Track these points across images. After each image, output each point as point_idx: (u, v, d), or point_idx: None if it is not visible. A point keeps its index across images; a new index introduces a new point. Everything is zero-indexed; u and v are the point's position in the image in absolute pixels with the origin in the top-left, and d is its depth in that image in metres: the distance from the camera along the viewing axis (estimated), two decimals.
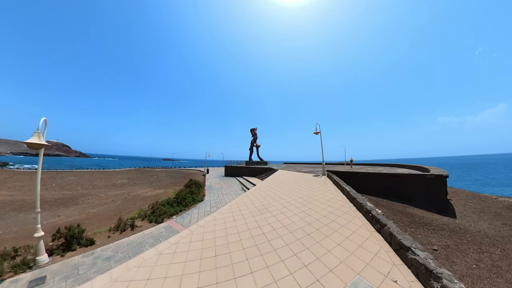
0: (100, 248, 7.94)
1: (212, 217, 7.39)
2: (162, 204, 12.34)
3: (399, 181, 8.82)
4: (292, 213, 6.48)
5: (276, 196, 8.75)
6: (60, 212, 14.29)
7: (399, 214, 6.49)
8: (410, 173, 8.44)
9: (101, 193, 19.52)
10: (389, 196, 8.81)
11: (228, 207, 8.12)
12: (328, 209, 6.49)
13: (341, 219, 5.57)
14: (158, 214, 11.23)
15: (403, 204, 7.54)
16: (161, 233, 8.99)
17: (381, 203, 7.65)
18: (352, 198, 6.60)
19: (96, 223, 11.68)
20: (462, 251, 4.63)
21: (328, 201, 7.21)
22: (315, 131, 13.11)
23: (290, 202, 7.62)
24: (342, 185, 8.12)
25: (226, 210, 7.84)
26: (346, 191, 7.44)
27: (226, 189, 16.36)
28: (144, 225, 10.83)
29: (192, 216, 10.69)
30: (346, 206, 6.48)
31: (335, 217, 5.78)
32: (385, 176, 9.36)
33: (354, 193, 6.89)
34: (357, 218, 5.56)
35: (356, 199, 6.27)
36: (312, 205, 7.00)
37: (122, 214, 12.96)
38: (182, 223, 9.97)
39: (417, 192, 8.22)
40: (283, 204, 7.40)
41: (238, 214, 7.25)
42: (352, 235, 4.70)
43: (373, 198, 8.55)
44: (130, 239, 8.65)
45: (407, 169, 15.99)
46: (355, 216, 5.65)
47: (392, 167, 19.67)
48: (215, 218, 7.23)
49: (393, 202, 7.77)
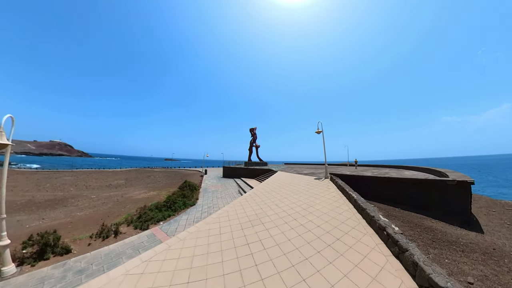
0: (74, 259, 7.11)
1: (196, 228, 6.42)
2: (150, 208, 11.44)
3: (414, 187, 7.68)
4: (288, 226, 5.45)
5: (272, 203, 7.72)
6: (46, 214, 13.55)
7: (417, 228, 5.42)
8: (427, 179, 7.30)
9: (94, 194, 18.80)
10: (401, 203, 7.70)
11: (217, 216, 7.13)
12: (332, 222, 5.42)
13: (348, 237, 4.51)
14: (144, 219, 10.36)
15: (419, 215, 6.44)
16: (142, 243, 8.15)
17: (393, 213, 6.56)
18: (360, 208, 5.52)
19: (80, 228, 10.90)
20: (505, 285, 3.54)
21: (331, 212, 6.15)
22: (317, 130, 12.01)
23: (287, 211, 6.59)
24: (348, 192, 7.04)
25: (214, 220, 6.85)
26: (353, 199, 6.36)
27: (222, 192, 15.41)
28: (128, 232, 9.98)
29: (179, 223, 9.77)
30: (354, 219, 5.41)
31: (341, 233, 4.72)
32: (397, 181, 8.22)
33: (363, 202, 5.81)
34: (368, 236, 4.49)
35: (366, 210, 5.20)
36: (313, 216, 5.95)
37: (109, 218, 12.16)
38: (167, 231, 9.08)
39: (435, 200, 7.09)
40: (279, 214, 6.37)
41: (226, 225, 6.26)
42: (363, 262, 3.65)
43: (383, 206, 7.45)
44: (109, 249, 7.84)
45: (416, 172, 14.73)
46: (366, 233, 4.58)
47: (399, 169, 18.38)
48: (199, 229, 6.26)
49: (407, 212, 6.67)
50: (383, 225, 4.23)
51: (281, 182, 12.15)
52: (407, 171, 16.07)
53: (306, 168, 23.57)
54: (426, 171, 13.91)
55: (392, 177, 8.38)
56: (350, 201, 6.63)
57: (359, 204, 5.68)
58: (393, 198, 8.21)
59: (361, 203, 5.65)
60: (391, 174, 13.62)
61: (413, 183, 7.62)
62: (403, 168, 18.93)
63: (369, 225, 4.89)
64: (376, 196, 8.47)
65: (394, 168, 19.81)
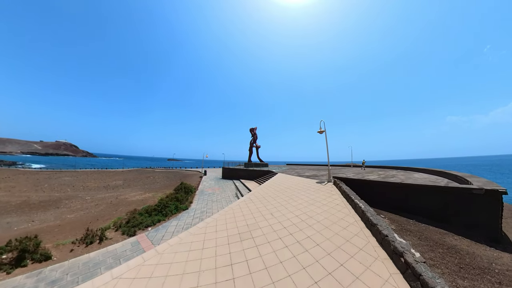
0: (51, 267, 6.45)
1: (178, 239, 5.65)
2: (140, 213, 10.77)
3: (429, 194, 6.65)
4: (282, 243, 4.58)
5: (267, 211, 6.86)
6: (37, 216, 13.14)
7: (438, 248, 4.46)
8: (448, 186, 6.26)
9: (90, 195, 18.41)
10: (414, 213, 6.69)
11: (203, 226, 6.34)
12: (334, 239, 4.52)
13: (354, 263, 3.61)
14: (132, 225, 9.70)
15: (438, 230, 5.45)
16: (125, 251, 7.51)
17: (407, 226, 5.59)
18: (370, 223, 4.59)
19: (66, 232, 10.37)
20: None
21: (334, 225, 5.24)
22: (320, 130, 11.04)
23: (283, 223, 5.71)
24: (354, 200, 6.09)
25: (200, 230, 6.06)
26: (360, 209, 5.43)
27: (219, 194, 14.63)
28: (115, 237, 9.35)
29: (168, 229, 9.05)
30: (361, 236, 4.49)
31: (345, 256, 3.82)
32: (410, 187, 7.20)
33: (372, 214, 4.87)
34: (379, 261, 3.58)
35: (376, 226, 4.27)
36: (312, 230, 5.05)
37: (99, 221, 11.61)
38: (153, 238, 8.37)
39: (456, 212, 6.06)
40: (273, 227, 5.51)
41: (211, 237, 5.46)
42: None
43: (394, 217, 6.47)
44: (89, 257, 7.25)
45: (426, 174, 13.51)
46: (377, 258, 3.67)
47: (407, 171, 17.11)
48: (182, 241, 5.49)
49: (423, 226, 5.68)
50: (399, 250, 3.31)
51: (280, 186, 11.26)
52: (416, 173, 14.85)
53: (309, 169, 22.54)
54: (438, 174, 12.69)
55: (404, 183, 7.34)
56: (357, 212, 5.69)
57: (367, 217, 4.75)
58: (404, 206, 7.19)
59: (371, 216, 4.72)
60: (399, 176, 12.50)
61: (430, 190, 6.58)
62: (411, 170, 17.66)
63: (380, 246, 3.97)
64: (384, 203, 7.47)
65: (401, 170, 18.55)
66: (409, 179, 10.92)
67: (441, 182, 9.57)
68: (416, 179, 10.98)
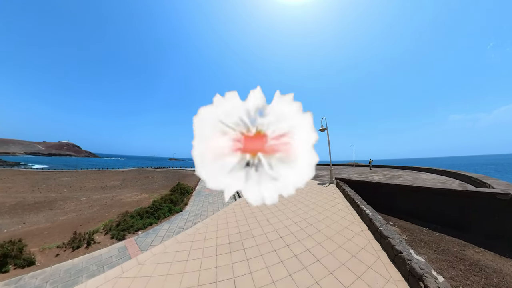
0: (32, 274, 6.07)
1: (163, 247, 5.10)
2: (132, 215, 10.28)
3: (446, 199, 5.94)
4: (277, 257, 3.96)
5: (263, 217, 6.25)
6: (29, 218, 12.77)
7: (459, 264, 3.80)
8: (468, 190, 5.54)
9: (86, 196, 18.08)
10: (427, 220, 6.00)
11: (192, 232, 5.77)
12: (338, 253, 3.88)
13: (362, 286, 2.98)
14: (122, 228, 9.21)
15: (456, 240, 4.77)
16: (110, 258, 7.03)
17: (421, 236, 4.92)
18: (380, 235, 3.87)
19: (55, 235, 9.96)
20: None
21: (337, 236, 4.60)
22: (321, 128, 10.37)
23: (280, 231, 5.10)
24: (360, 206, 5.41)
25: (188, 237, 5.50)
26: (367, 218, 4.73)
27: (215, 196, 14.09)
28: (103, 241, 8.90)
29: (158, 233, 8.53)
30: (370, 250, 3.83)
31: (351, 277, 3.18)
32: (422, 191, 6.49)
33: (382, 224, 4.16)
34: (392, 284, 2.94)
35: (388, 239, 3.59)
36: (312, 242, 4.42)
37: (90, 224, 11.19)
38: (142, 243, 7.87)
39: (474, 219, 5.37)
40: (268, 236, 4.90)
41: (199, 246, 4.88)
42: None
43: (405, 224, 5.79)
44: (73, 263, 6.82)
45: (433, 175, 12.68)
46: (389, 279, 3.03)
47: (412, 171, 16.26)
48: (166, 250, 4.94)
49: (439, 235, 4.99)
50: (418, 272, 2.67)
51: None
52: (423, 173, 14.03)
53: None
54: (447, 175, 11.87)
55: (416, 186, 6.60)
56: (363, 220, 5.02)
57: (376, 227, 4.08)
58: (415, 211, 6.50)
59: (380, 225, 4.05)
60: (405, 177, 11.76)
61: (446, 194, 5.85)
62: (417, 170, 16.80)
63: (393, 264, 3.33)
64: (392, 208, 6.75)
65: (406, 170, 17.70)
66: (416, 180, 10.19)
67: (453, 183, 8.84)
68: (424, 180, 10.24)
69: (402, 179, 10.54)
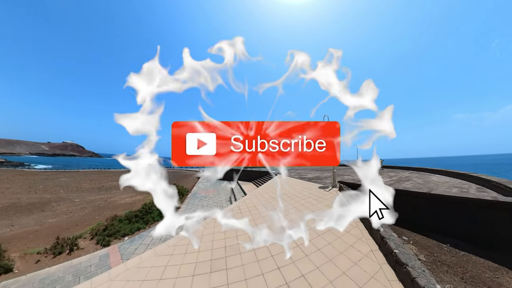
0: (3, 283, 5.73)
1: (138, 260, 4.46)
2: (120, 219, 9.69)
3: (471, 210, 4.97)
4: (264, 284, 3.23)
5: (255, 227, 5.49)
6: (19, 220, 12.36)
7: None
8: (499, 201, 4.61)
9: (80, 197, 17.72)
10: (446, 234, 5.05)
11: (173, 243, 5.09)
12: (340, 284, 3.11)
13: None
14: (107, 233, 8.64)
15: (484, 261, 3.88)
16: (89, 267, 6.46)
17: (441, 254, 4.03)
18: (395, 260, 2.96)
19: (41, 239, 9.47)
20: None
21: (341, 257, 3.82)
22: None
23: (271, 247, 4.31)
24: None
25: (168, 250, 4.83)
26: (378, 235, 3.84)
27: (211, 198, 13.43)
28: (88, 247, 8.35)
29: (144, 240, 7.91)
30: (383, 280, 3.06)
31: None
32: (442, 199, 5.52)
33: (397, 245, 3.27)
34: None
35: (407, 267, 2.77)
36: (310, 265, 3.65)
37: (78, 227, 10.69)
38: (125, 251, 7.26)
39: (503, 235, 4.46)
40: (258, 253, 4.15)
41: (176, 263, 4.20)
42: None
43: (421, 239, 4.89)
44: (49, 272, 6.31)
45: (446, 177, 11.63)
46: None
47: (420, 172, 15.18)
48: (140, 264, 4.29)
49: (462, 254, 4.10)
50: None
51: (276, 193, 9.86)
52: (433, 175, 12.99)
53: (311, 170, 20.97)
54: (460, 177, 10.83)
55: (434, 194, 5.61)
56: (373, 236, 4.13)
57: (390, 248, 3.20)
58: (432, 223, 5.53)
59: (395, 247, 3.15)
60: (415, 180, 10.81)
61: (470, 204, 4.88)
62: (426, 172, 15.71)
63: None
64: (404, 218, 5.84)
65: (414, 171, 16.62)
66: (428, 184, 9.25)
67: (469, 188, 7.90)
68: (437, 183, 9.30)
69: (412, 183, 9.62)
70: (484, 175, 9.18)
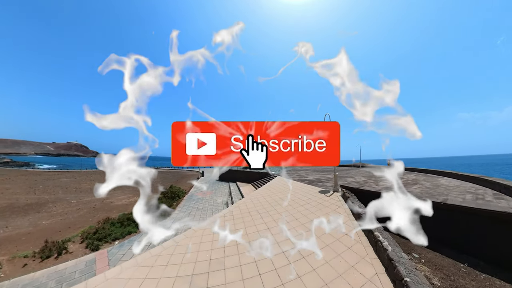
0: None
1: (118, 271, 4.16)
2: (113, 222, 9.41)
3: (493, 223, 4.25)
4: None
5: (246, 239, 5.06)
6: (14, 222, 12.23)
7: None
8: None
9: (78, 198, 17.62)
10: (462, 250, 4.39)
11: (158, 252, 4.75)
12: None
13: None
14: (98, 237, 8.36)
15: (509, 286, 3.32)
16: (73, 273, 6.14)
17: (458, 276, 3.44)
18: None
19: (32, 241, 9.26)
20: None
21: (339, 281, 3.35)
22: None
23: (260, 264, 3.89)
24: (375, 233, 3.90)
25: (148, 261, 4.47)
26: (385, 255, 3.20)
27: (207, 200, 13.07)
28: (77, 251, 8.08)
29: (133, 245, 7.58)
30: None
31: None
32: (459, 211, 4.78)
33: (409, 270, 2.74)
34: None
35: None
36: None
37: (70, 229, 10.47)
38: (113, 256, 6.94)
39: None
40: (243, 270, 3.74)
41: (155, 275, 3.85)
42: None
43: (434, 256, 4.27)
44: (33, 277, 6.04)
45: (457, 180, 10.92)
46: None
47: (428, 174, 14.48)
48: (119, 275, 3.98)
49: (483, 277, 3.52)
50: None
51: (275, 196, 9.42)
52: (442, 178, 12.32)
53: (313, 171, 20.44)
54: (472, 181, 10.11)
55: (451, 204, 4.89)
56: (379, 256, 3.48)
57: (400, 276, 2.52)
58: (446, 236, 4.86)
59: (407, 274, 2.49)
60: (422, 183, 10.24)
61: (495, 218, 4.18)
62: (433, 174, 15.02)
63: None
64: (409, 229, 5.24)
65: (421, 173, 15.93)
66: (438, 188, 8.67)
67: (485, 194, 7.25)
68: (448, 188, 8.69)
69: (420, 187, 9.03)
70: (500, 179, 8.52)
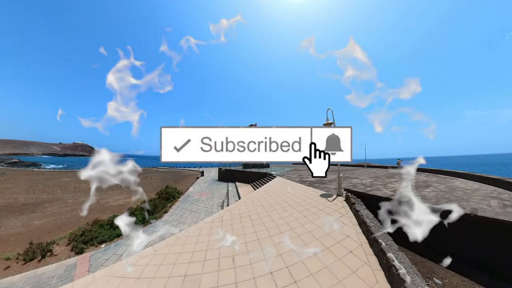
0: None
1: (91, 278, 3.59)
2: (101, 224, 8.97)
3: None
4: None
5: (230, 252, 4.42)
6: (8, 222, 12.03)
7: None
8: None
9: (75, 198, 17.45)
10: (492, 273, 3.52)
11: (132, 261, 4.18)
12: None
13: None
14: (84, 239, 7.94)
15: None
16: (51, 278, 5.69)
17: None
18: None
19: (20, 243, 8.93)
20: None
21: None
22: (326, 122, 7.61)
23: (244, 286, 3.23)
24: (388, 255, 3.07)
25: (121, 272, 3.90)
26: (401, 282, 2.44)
27: (204, 202, 12.53)
28: (61, 254, 7.68)
29: (118, 250, 7.14)
30: None
31: None
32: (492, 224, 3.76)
33: None
34: None
35: None
36: None
37: (60, 230, 10.14)
38: (95, 262, 6.46)
39: None
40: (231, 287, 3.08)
41: None
42: None
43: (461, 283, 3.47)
44: (10, 281, 5.66)
45: (476, 183, 9.83)
46: None
47: (439, 175, 13.34)
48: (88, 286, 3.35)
49: None
50: None
51: (272, 199, 8.75)
52: (456, 180, 11.28)
53: None
54: (493, 183, 8.84)
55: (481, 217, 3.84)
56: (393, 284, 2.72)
57: None
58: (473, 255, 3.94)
59: None
60: (435, 185, 9.35)
61: None
62: (444, 174, 13.91)
63: None
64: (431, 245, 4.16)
65: (431, 174, 14.82)
66: (453, 191, 7.78)
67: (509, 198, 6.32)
68: (465, 191, 7.79)
69: (433, 190, 8.13)
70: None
